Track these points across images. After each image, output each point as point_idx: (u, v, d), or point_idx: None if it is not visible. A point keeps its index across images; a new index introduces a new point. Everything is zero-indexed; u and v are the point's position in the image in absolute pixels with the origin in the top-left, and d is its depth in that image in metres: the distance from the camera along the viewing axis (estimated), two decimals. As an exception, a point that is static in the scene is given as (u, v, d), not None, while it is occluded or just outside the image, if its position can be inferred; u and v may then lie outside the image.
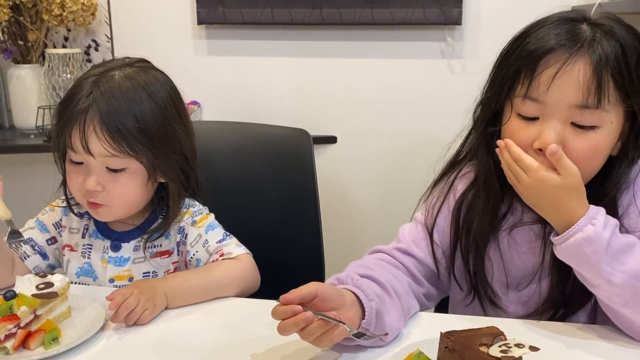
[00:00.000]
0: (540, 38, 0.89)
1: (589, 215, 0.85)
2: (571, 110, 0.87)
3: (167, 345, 0.91)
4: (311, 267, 1.46)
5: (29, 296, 0.89)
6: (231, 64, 1.97)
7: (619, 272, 0.84)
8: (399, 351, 0.85)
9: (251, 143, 1.49)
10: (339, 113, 1.96)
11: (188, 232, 1.14)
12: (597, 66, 0.85)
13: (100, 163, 1.02)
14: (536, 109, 0.89)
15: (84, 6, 1.84)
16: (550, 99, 0.87)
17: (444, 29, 1.84)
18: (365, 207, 1.98)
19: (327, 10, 1.84)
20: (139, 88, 1.03)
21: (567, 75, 0.86)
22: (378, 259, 1.02)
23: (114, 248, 1.13)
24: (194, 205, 1.17)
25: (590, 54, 0.85)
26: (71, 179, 1.06)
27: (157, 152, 1.05)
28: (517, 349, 0.72)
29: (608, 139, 0.89)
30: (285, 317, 0.77)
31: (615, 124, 0.89)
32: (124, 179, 1.04)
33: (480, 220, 0.99)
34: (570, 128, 0.88)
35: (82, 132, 0.99)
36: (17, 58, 1.92)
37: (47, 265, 1.16)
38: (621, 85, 0.86)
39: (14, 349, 0.87)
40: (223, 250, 1.11)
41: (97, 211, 1.07)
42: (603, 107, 0.86)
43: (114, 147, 1.00)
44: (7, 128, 2.02)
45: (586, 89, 0.85)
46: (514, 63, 0.90)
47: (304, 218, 1.46)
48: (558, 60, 0.86)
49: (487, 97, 0.97)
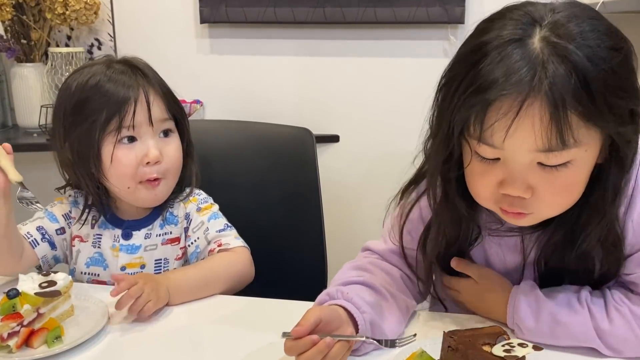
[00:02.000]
0: (487, 75, 0.73)
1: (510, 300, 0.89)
2: (533, 154, 0.75)
3: (170, 344, 0.91)
4: (313, 265, 1.46)
5: (32, 294, 0.89)
6: (234, 62, 1.97)
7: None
8: (401, 350, 0.85)
9: (254, 142, 1.49)
10: (342, 112, 1.95)
11: (192, 219, 1.18)
12: (553, 107, 0.71)
13: (157, 131, 1.11)
14: (495, 153, 0.78)
15: (87, 5, 1.84)
16: (508, 147, 0.75)
17: (447, 27, 1.84)
18: (368, 206, 1.98)
19: (329, 9, 1.84)
20: (147, 64, 1.16)
21: (522, 122, 0.72)
22: (372, 259, 1.02)
23: (125, 236, 1.16)
24: (200, 194, 1.21)
25: (544, 90, 0.71)
26: (124, 161, 1.09)
27: (182, 114, 1.19)
28: (521, 349, 0.72)
29: (584, 168, 0.78)
30: (305, 349, 0.77)
31: (591, 149, 0.77)
32: (174, 142, 1.15)
33: (455, 244, 0.96)
34: (538, 169, 0.77)
35: (147, 102, 1.09)
36: (20, 57, 1.93)
37: (53, 256, 1.16)
38: (588, 118, 0.72)
39: (17, 348, 0.87)
40: (221, 241, 1.15)
41: (156, 187, 1.12)
42: (570, 147, 0.73)
43: (168, 109, 1.13)
44: (10, 127, 2.03)
45: (545, 134, 0.72)
46: (462, 106, 0.76)
47: (307, 217, 1.46)
48: (511, 106, 0.72)
49: (439, 140, 0.83)
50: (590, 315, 0.84)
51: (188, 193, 1.20)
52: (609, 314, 0.84)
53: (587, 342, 0.84)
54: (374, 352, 0.87)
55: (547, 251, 0.90)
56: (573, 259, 0.87)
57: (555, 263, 0.90)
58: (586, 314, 0.84)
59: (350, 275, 0.95)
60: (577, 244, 0.85)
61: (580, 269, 0.88)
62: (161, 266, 1.16)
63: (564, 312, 0.85)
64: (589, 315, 0.84)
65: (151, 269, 1.15)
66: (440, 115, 0.82)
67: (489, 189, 0.81)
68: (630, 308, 0.84)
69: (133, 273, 1.14)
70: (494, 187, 0.80)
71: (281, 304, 1.03)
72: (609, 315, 0.84)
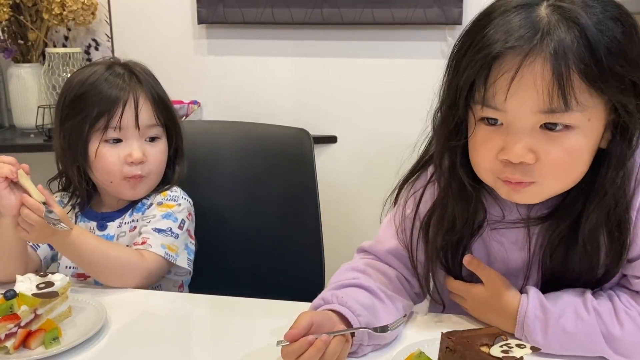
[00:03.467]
0: (491, 35, 0.75)
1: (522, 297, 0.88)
2: (536, 115, 0.76)
3: (168, 345, 0.91)
4: (311, 267, 1.46)
5: (30, 295, 0.89)
6: (231, 63, 1.96)
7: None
8: (399, 351, 0.85)
9: (251, 142, 1.48)
10: (340, 113, 1.95)
11: (150, 209, 1.20)
12: (556, 65, 0.72)
13: (142, 135, 1.17)
14: (498, 116, 0.79)
15: (84, 5, 1.84)
16: (509, 107, 0.77)
17: (445, 28, 1.84)
18: (366, 207, 1.98)
19: (327, 10, 1.84)
20: (148, 71, 1.23)
21: (524, 80, 0.74)
22: (367, 260, 1.01)
23: (100, 227, 1.22)
24: (174, 191, 1.23)
25: (547, 51, 0.72)
26: (108, 159, 1.15)
27: (174, 122, 1.24)
28: (519, 349, 0.72)
29: (587, 139, 0.78)
30: (302, 352, 0.77)
31: (595, 120, 0.77)
32: (160, 147, 1.21)
33: (459, 229, 0.93)
34: (540, 133, 0.77)
35: (135, 106, 1.15)
36: (17, 57, 1.92)
37: (52, 256, 1.23)
38: (591, 80, 0.73)
39: (14, 349, 0.87)
40: (147, 240, 1.14)
41: (138, 184, 1.18)
42: (572, 109, 0.74)
43: (158, 116, 1.19)
44: (7, 127, 2.02)
45: (547, 93, 0.73)
46: (467, 68, 0.78)
47: (304, 217, 1.46)
48: (513, 63, 0.74)
49: (445, 107, 0.85)
50: (599, 321, 0.83)
51: (166, 188, 1.23)
52: (619, 319, 0.83)
53: (596, 351, 0.83)
54: (372, 353, 0.87)
55: (552, 243, 0.88)
56: (578, 252, 0.85)
57: (560, 260, 0.88)
58: (593, 320, 0.83)
59: (346, 277, 0.95)
60: (581, 227, 0.84)
61: (584, 267, 0.87)
62: None
63: (571, 322, 0.84)
64: (597, 321, 0.83)
65: None
66: (449, 83, 0.84)
67: (490, 156, 0.81)
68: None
69: None
70: (495, 154, 0.81)
71: (279, 305, 1.03)
72: (619, 320, 0.83)
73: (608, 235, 0.84)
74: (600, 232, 0.84)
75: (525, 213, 0.90)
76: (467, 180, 0.88)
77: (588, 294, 0.86)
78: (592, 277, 0.88)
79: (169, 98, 1.25)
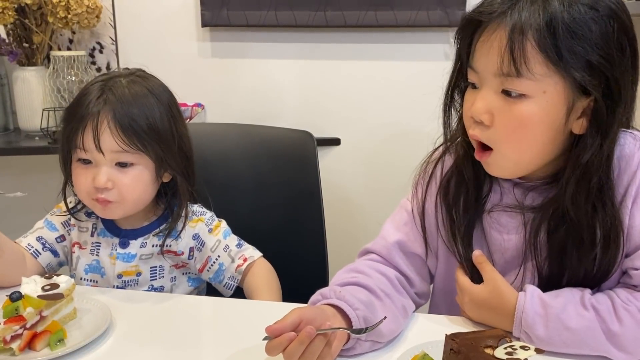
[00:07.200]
0: (480, 5, 0.87)
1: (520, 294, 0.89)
2: (497, 78, 0.85)
3: (173, 346, 0.91)
4: (315, 268, 1.46)
5: (35, 297, 0.89)
6: (235, 66, 1.97)
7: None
8: (404, 353, 0.85)
9: (255, 145, 1.49)
10: (343, 115, 1.96)
11: (206, 240, 1.19)
12: (511, 34, 0.81)
13: (110, 160, 1.07)
14: (475, 78, 0.89)
15: (89, 9, 1.85)
16: (479, 67, 0.87)
17: (448, 31, 1.84)
18: (369, 209, 1.98)
19: (330, 13, 1.84)
20: (145, 91, 1.11)
21: (489, 43, 0.84)
22: (368, 260, 1.03)
23: (122, 245, 1.16)
24: (205, 213, 1.21)
25: (512, 19, 0.82)
26: (78, 179, 1.10)
27: (164, 148, 1.11)
28: (523, 351, 0.72)
29: (543, 111, 0.84)
30: (283, 348, 0.77)
31: (552, 94, 0.83)
32: (133, 174, 1.09)
33: (465, 201, 0.98)
34: (501, 97, 0.86)
35: (95, 129, 1.05)
36: (22, 60, 1.93)
37: (58, 262, 1.20)
38: (544, 51, 0.81)
39: (19, 350, 0.87)
40: (245, 255, 1.19)
41: (106, 207, 1.10)
42: (525, 76, 0.82)
43: (125, 142, 1.06)
44: (12, 130, 2.03)
45: (501, 57, 0.82)
46: (460, 32, 0.90)
47: (308, 220, 1.46)
48: (489, 29, 0.85)
49: (453, 71, 0.96)
50: (598, 318, 0.84)
51: (192, 212, 1.19)
52: (617, 315, 0.84)
53: (599, 348, 0.83)
54: (375, 353, 0.87)
55: (550, 225, 0.90)
56: (571, 236, 0.88)
57: (558, 249, 0.90)
58: (592, 317, 0.84)
59: (345, 277, 0.96)
60: (567, 212, 0.87)
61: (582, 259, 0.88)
62: (156, 273, 1.18)
63: (572, 318, 0.84)
64: (596, 319, 0.84)
65: (147, 276, 1.17)
66: (456, 54, 0.94)
67: (467, 114, 0.90)
68: (639, 306, 0.84)
69: (129, 280, 1.16)
70: (469, 111, 0.90)
71: (282, 306, 1.03)
72: (617, 316, 0.83)
73: (602, 225, 0.86)
74: (589, 216, 0.87)
75: (521, 198, 0.95)
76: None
77: (586, 293, 0.87)
78: (589, 273, 0.89)
79: (169, 123, 1.11)
